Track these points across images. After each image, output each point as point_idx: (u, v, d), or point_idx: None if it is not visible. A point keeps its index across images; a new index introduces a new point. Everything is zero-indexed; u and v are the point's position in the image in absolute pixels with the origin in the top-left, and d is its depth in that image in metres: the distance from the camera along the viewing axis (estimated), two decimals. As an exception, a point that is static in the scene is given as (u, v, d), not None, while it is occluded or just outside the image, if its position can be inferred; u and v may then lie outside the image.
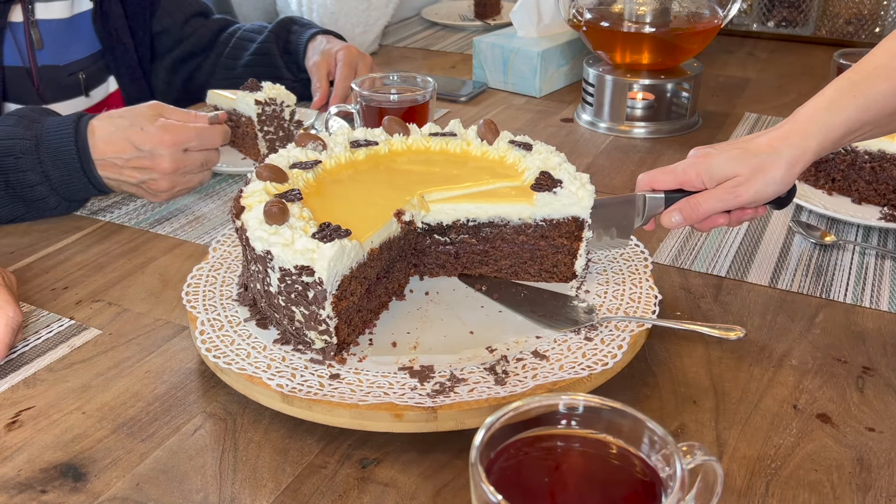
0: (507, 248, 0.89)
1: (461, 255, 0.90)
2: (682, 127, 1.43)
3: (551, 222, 0.87)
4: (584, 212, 0.86)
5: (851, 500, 0.67)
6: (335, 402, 0.71)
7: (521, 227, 0.87)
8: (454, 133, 0.98)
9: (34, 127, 1.07)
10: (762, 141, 0.83)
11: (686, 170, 0.85)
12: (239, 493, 0.68)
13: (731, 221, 0.87)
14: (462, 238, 0.89)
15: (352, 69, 1.44)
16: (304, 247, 0.73)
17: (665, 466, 0.52)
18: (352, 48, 1.47)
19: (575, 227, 0.87)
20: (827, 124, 0.81)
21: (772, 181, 0.81)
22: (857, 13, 1.90)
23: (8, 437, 0.74)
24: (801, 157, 0.81)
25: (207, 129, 1.11)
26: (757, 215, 0.87)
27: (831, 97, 0.81)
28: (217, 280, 0.90)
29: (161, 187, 1.09)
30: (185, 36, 1.53)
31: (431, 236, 0.89)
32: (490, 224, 0.88)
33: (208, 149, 1.11)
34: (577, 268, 0.89)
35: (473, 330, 0.82)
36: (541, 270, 0.90)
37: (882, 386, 0.79)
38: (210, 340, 0.79)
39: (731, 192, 0.83)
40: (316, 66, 1.45)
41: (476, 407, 0.70)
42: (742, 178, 0.82)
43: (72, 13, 1.37)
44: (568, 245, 0.88)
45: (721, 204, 0.83)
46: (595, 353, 0.76)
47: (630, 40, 1.42)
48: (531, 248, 0.89)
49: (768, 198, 0.83)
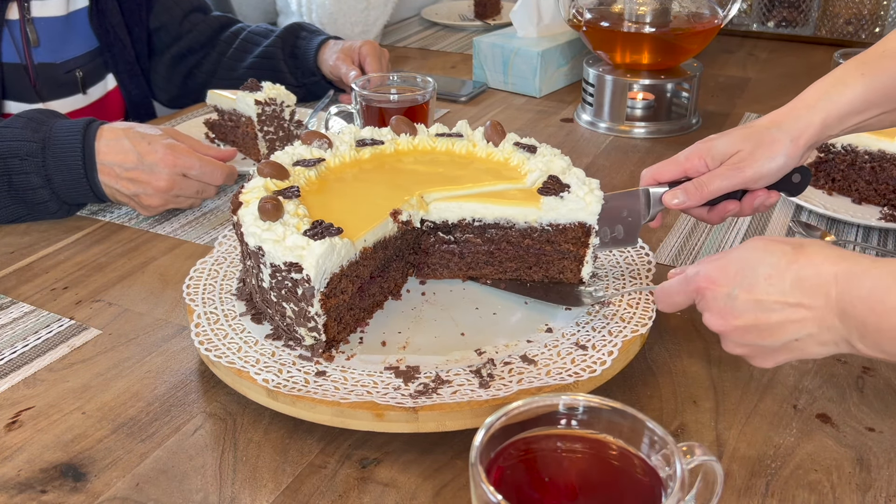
0: (512, 251, 0.88)
1: (465, 255, 0.90)
2: (682, 127, 1.43)
3: (557, 227, 0.86)
4: (592, 218, 0.84)
5: (851, 500, 0.67)
6: (318, 398, 0.71)
7: (526, 230, 0.87)
8: (461, 134, 0.98)
9: (42, 130, 1.07)
10: (765, 118, 0.82)
11: (689, 157, 0.84)
12: (239, 493, 0.68)
13: (743, 209, 0.84)
14: (467, 237, 0.88)
15: (378, 60, 1.48)
16: (293, 243, 0.74)
17: (665, 466, 0.52)
18: (374, 42, 1.51)
19: (582, 233, 0.85)
20: (832, 100, 0.79)
21: (776, 155, 0.79)
22: (857, 13, 1.90)
23: (8, 437, 0.74)
24: (804, 132, 0.79)
25: (212, 163, 1.10)
26: (769, 202, 0.84)
27: (838, 75, 0.79)
28: (219, 274, 0.90)
29: (152, 203, 1.09)
30: (184, 32, 1.53)
31: (435, 234, 0.89)
32: (496, 225, 0.87)
33: (206, 182, 1.11)
34: (583, 274, 0.88)
35: (465, 332, 0.82)
36: (546, 276, 0.89)
37: (882, 386, 0.79)
38: (204, 333, 0.80)
39: (734, 169, 0.80)
40: (339, 59, 1.48)
41: (457, 409, 0.70)
42: (744, 153, 0.80)
43: (68, 10, 1.37)
44: (574, 251, 0.87)
45: (726, 182, 0.81)
46: (584, 359, 0.76)
47: (630, 40, 1.42)
48: (537, 253, 0.88)
49: (774, 174, 0.81)
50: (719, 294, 0.68)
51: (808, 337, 0.65)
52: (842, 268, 0.62)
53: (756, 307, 0.66)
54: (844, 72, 0.79)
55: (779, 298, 0.65)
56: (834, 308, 0.62)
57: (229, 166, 1.14)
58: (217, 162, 1.11)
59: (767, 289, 0.65)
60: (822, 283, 0.63)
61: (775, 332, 0.66)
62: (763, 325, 0.66)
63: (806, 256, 0.65)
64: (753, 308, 0.66)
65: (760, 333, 0.66)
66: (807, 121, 0.79)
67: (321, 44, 1.51)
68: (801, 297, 0.64)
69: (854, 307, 0.61)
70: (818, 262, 0.64)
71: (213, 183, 1.11)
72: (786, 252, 0.66)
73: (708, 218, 0.86)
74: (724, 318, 0.68)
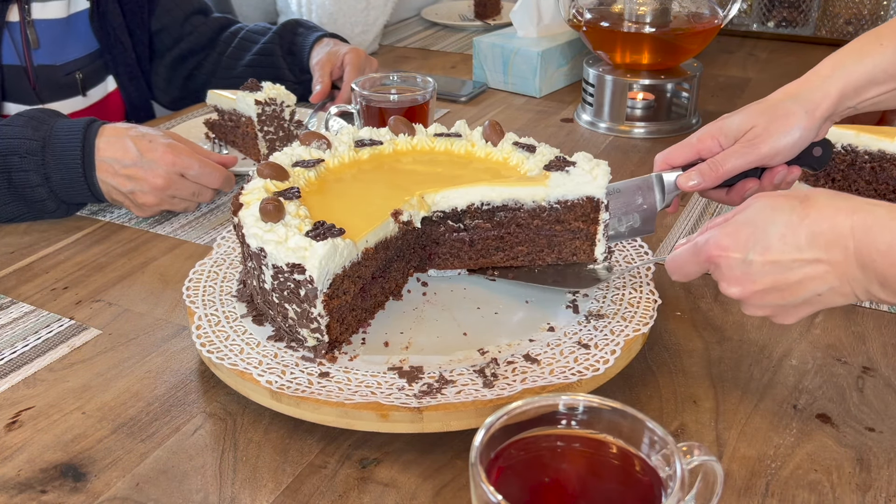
0: (522, 234, 0.87)
1: (476, 243, 0.88)
2: (682, 127, 1.43)
3: (566, 204, 0.84)
4: (600, 191, 0.82)
5: (851, 500, 0.67)
6: (322, 399, 0.71)
7: (535, 210, 0.85)
8: (459, 134, 0.98)
9: (42, 128, 1.07)
10: (779, 91, 0.79)
11: (701, 138, 0.81)
12: (239, 493, 0.68)
13: (763, 186, 0.82)
14: (476, 223, 0.87)
15: (358, 72, 1.45)
16: (296, 245, 0.73)
17: (665, 466, 0.52)
18: (359, 51, 1.48)
19: (591, 209, 0.84)
20: (849, 70, 0.76)
21: (792, 127, 0.76)
22: (857, 13, 1.90)
23: (8, 437, 0.74)
24: (821, 103, 0.76)
25: (210, 165, 1.10)
26: (790, 178, 0.81)
27: (855, 46, 0.77)
28: (219, 276, 0.90)
29: (147, 201, 1.09)
30: (185, 34, 1.53)
31: (445, 223, 0.88)
32: (504, 208, 0.86)
33: (204, 184, 1.11)
34: (597, 254, 0.86)
35: (467, 331, 0.82)
36: (559, 259, 0.88)
37: (882, 386, 0.79)
38: (205, 335, 0.80)
39: (749, 145, 0.78)
40: (320, 63, 1.46)
41: (462, 409, 0.70)
42: (759, 127, 0.78)
43: (68, 13, 1.37)
44: (585, 229, 0.85)
45: (741, 160, 0.78)
46: (587, 357, 0.76)
47: (630, 40, 1.42)
48: (547, 234, 0.86)
49: (790, 149, 0.78)
50: (733, 261, 0.66)
51: (830, 290, 0.63)
52: (857, 219, 0.61)
53: (774, 269, 0.64)
54: (862, 43, 0.76)
55: (796, 256, 0.63)
56: (853, 261, 0.61)
57: (227, 172, 1.13)
58: (216, 165, 1.11)
59: (783, 248, 0.63)
60: (839, 237, 0.61)
61: (796, 290, 0.64)
62: (783, 285, 0.64)
63: (817, 209, 0.63)
64: (771, 270, 0.64)
65: (781, 294, 0.65)
66: (823, 91, 0.76)
67: (315, 41, 1.50)
68: (819, 253, 0.62)
69: (874, 261, 0.60)
70: (831, 215, 0.62)
71: (210, 185, 1.11)
72: (794, 207, 0.64)
73: (728, 199, 0.84)
74: (742, 285, 0.66)
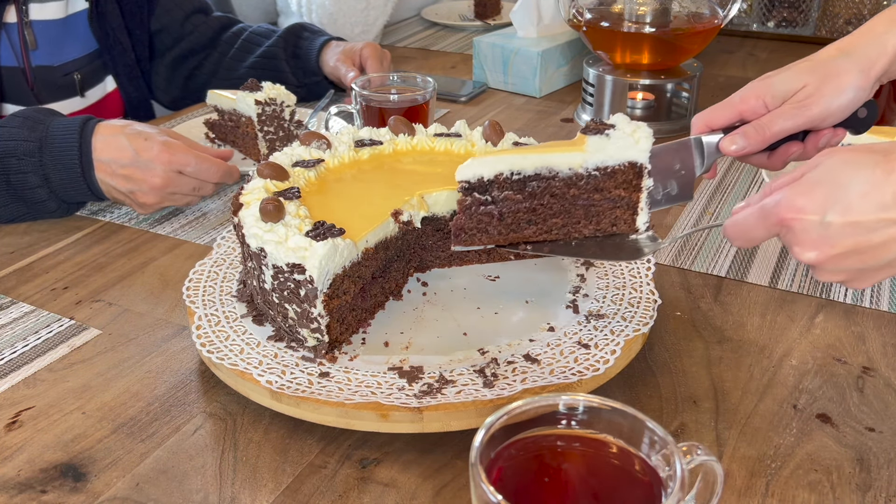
0: (556, 205, 0.80)
1: (505, 216, 0.81)
2: (683, 127, 1.43)
3: (605, 171, 0.78)
4: (643, 155, 0.77)
5: (851, 500, 0.67)
6: (322, 399, 0.71)
7: (571, 178, 0.79)
8: (459, 134, 0.98)
9: (38, 129, 1.07)
10: (830, 47, 0.74)
11: (745, 97, 0.76)
12: (239, 493, 0.68)
13: (807, 150, 0.77)
14: (505, 195, 0.80)
15: (379, 63, 1.48)
16: (296, 245, 0.74)
17: (665, 466, 0.52)
18: (375, 44, 1.51)
19: (633, 175, 0.78)
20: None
21: (846, 87, 0.71)
22: (857, 13, 1.90)
23: (8, 437, 0.74)
24: (878, 59, 0.71)
25: (207, 160, 1.10)
26: (835, 140, 0.76)
27: None
28: (219, 276, 0.90)
29: (148, 201, 1.09)
30: (186, 33, 1.53)
31: (471, 195, 0.80)
32: (536, 177, 0.79)
33: (203, 179, 1.11)
34: (639, 223, 0.80)
35: (467, 331, 0.82)
36: (597, 230, 0.81)
37: (882, 386, 0.79)
38: (205, 335, 0.80)
39: (799, 106, 0.73)
40: (340, 60, 1.49)
41: (462, 409, 0.70)
42: (811, 87, 0.73)
43: (66, 13, 1.37)
44: (626, 197, 0.79)
45: (790, 122, 0.73)
46: (587, 357, 0.76)
47: (630, 40, 1.42)
48: (585, 204, 0.80)
49: (843, 111, 0.73)
50: (809, 224, 0.61)
51: None
52: None
53: (855, 230, 0.59)
54: None
55: (881, 216, 0.59)
56: None
57: (227, 164, 1.13)
58: (212, 159, 1.11)
59: (865, 207, 0.59)
60: None
61: (879, 252, 0.60)
62: (865, 248, 0.60)
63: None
64: (852, 232, 0.60)
65: (862, 257, 0.61)
66: (879, 48, 0.71)
67: (323, 44, 1.52)
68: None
69: None
70: None
71: (209, 180, 1.11)
72: (878, 162, 0.59)
73: (769, 164, 0.79)
74: (820, 249, 0.61)
